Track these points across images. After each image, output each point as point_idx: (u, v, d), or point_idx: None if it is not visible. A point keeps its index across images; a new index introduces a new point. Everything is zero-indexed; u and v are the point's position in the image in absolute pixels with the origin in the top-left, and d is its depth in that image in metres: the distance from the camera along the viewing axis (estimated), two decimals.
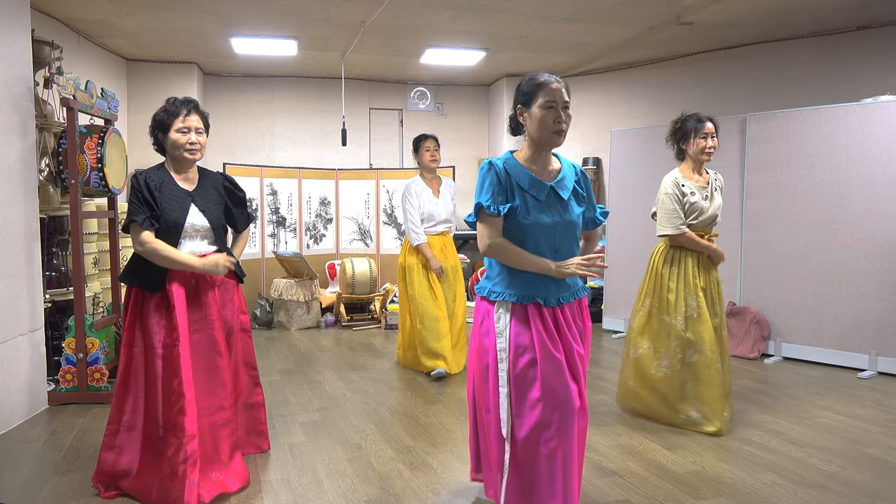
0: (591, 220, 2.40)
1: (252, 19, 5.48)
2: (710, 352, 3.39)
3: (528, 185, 2.17)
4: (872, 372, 4.56)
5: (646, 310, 3.60)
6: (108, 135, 4.05)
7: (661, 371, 3.52)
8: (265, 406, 3.15)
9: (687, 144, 3.52)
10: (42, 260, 3.95)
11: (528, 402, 2.11)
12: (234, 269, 2.88)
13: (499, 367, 2.15)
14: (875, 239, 4.58)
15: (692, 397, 3.43)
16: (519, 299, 2.16)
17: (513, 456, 2.13)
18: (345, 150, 7.87)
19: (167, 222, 2.67)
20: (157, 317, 2.67)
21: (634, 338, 3.65)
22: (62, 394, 3.94)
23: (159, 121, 2.76)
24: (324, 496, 2.71)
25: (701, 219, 3.48)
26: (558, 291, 2.19)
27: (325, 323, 6.53)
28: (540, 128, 2.15)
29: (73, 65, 5.36)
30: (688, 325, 3.45)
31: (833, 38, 5.77)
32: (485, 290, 2.25)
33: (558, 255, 2.19)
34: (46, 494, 2.73)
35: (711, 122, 3.48)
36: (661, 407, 3.54)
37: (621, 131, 6.08)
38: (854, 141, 4.67)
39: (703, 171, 3.57)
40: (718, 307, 3.54)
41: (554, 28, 5.77)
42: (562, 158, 2.31)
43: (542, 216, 2.16)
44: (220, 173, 3.00)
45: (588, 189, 2.33)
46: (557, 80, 2.16)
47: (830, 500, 2.66)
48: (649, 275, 3.63)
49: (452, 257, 4.76)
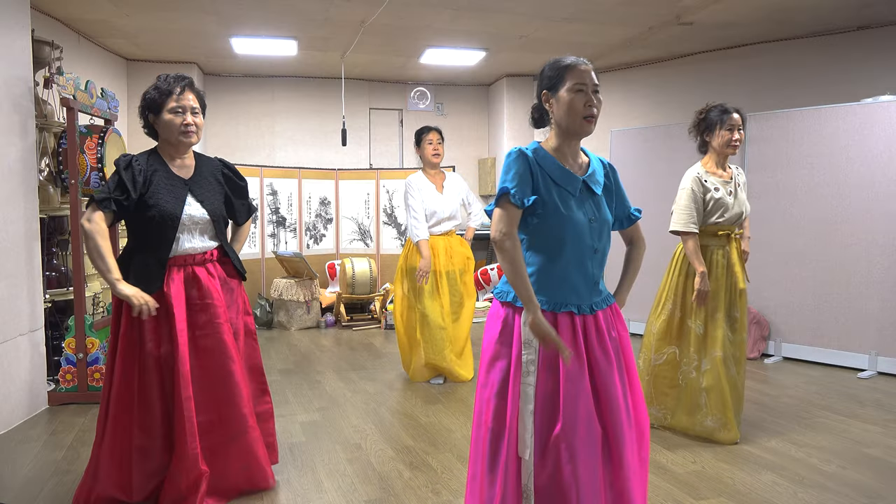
0: (627, 217, 2.15)
1: (252, 19, 5.48)
2: (720, 358, 3.25)
3: (560, 179, 1.94)
4: (872, 372, 4.56)
5: (668, 313, 3.37)
6: (108, 135, 4.05)
7: (684, 378, 3.35)
8: (274, 416, 2.87)
9: (711, 136, 3.31)
10: (42, 260, 3.95)
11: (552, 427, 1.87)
12: (237, 266, 2.66)
13: (524, 380, 1.87)
14: (875, 239, 4.58)
15: (707, 405, 3.28)
16: (551, 307, 1.90)
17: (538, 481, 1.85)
18: (345, 150, 7.87)
19: (162, 214, 2.41)
20: (152, 322, 2.42)
21: (656, 343, 3.40)
22: (62, 394, 3.94)
23: (150, 100, 2.46)
24: (324, 496, 2.71)
25: (727, 216, 3.28)
26: (590, 298, 1.95)
27: (325, 323, 6.53)
28: (569, 113, 1.92)
29: (73, 65, 5.36)
30: (706, 329, 3.30)
31: (833, 38, 5.77)
32: (508, 294, 1.97)
33: (597, 255, 1.96)
34: (46, 494, 2.72)
35: (738, 114, 3.29)
36: (681, 416, 3.38)
37: (621, 131, 6.08)
38: (854, 141, 4.67)
39: (726, 166, 3.37)
40: (738, 311, 3.34)
41: (554, 28, 5.77)
42: (588, 152, 2.09)
43: (577, 213, 1.92)
44: (219, 159, 2.71)
45: (618, 183, 2.12)
46: (585, 62, 1.96)
47: (830, 500, 2.66)
48: (670, 276, 3.40)
49: (460, 260, 4.39)
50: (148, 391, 2.43)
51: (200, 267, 2.53)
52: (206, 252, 2.56)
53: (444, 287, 4.31)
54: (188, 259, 2.51)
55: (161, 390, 2.46)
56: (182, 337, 2.40)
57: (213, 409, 2.51)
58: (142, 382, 2.43)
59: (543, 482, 1.85)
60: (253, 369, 2.74)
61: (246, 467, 2.59)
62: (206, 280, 2.52)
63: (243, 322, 2.71)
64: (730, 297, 3.33)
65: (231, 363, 2.51)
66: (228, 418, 2.52)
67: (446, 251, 4.35)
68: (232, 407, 2.52)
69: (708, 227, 3.32)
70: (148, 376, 2.43)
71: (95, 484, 2.47)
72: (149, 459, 2.46)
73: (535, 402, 1.86)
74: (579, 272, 1.93)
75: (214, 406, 2.51)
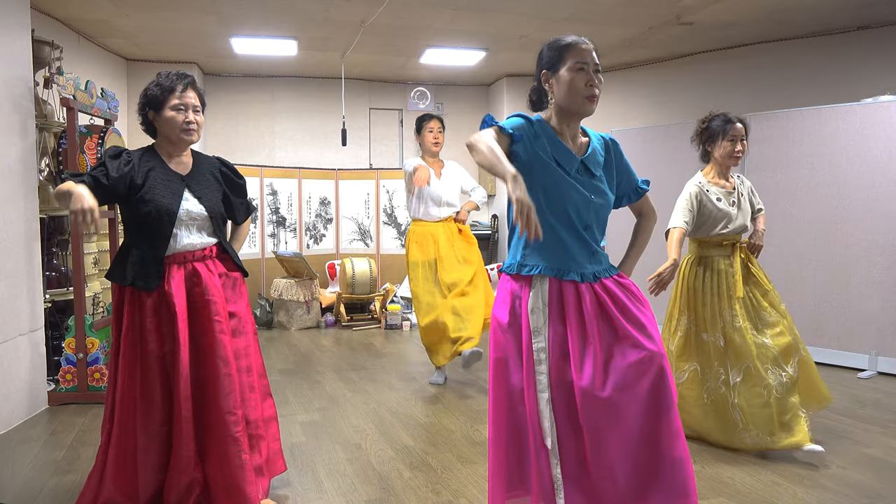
0: (634, 191, 2.11)
1: (252, 19, 5.48)
2: (754, 369, 3.05)
3: (558, 154, 1.91)
4: (872, 372, 4.56)
5: (683, 329, 3.24)
6: (108, 135, 4.05)
7: (710, 396, 3.17)
8: (278, 419, 2.75)
9: (713, 146, 3.23)
10: (42, 260, 3.95)
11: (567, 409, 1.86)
12: (237, 262, 2.60)
13: (537, 369, 1.85)
14: (875, 239, 4.58)
15: (742, 421, 3.08)
16: (555, 272, 1.88)
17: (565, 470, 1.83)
18: (345, 150, 7.87)
19: (158, 210, 2.36)
20: (153, 321, 2.37)
21: (676, 362, 3.24)
22: (62, 394, 3.94)
23: (151, 97, 2.42)
24: (324, 496, 2.71)
25: (731, 227, 3.19)
26: (593, 266, 1.93)
27: (325, 323, 6.53)
28: (570, 93, 1.88)
29: (73, 65, 5.36)
30: (726, 341, 3.12)
31: (833, 38, 5.77)
32: (514, 265, 1.95)
33: (588, 231, 1.93)
34: (46, 494, 2.72)
35: (742, 124, 3.19)
36: (715, 434, 3.19)
37: (621, 131, 6.08)
38: (854, 141, 4.67)
39: (728, 177, 3.29)
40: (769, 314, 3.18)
41: (554, 28, 5.77)
42: (589, 131, 2.04)
43: (572, 190, 1.90)
44: (217, 158, 2.66)
45: (621, 157, 2.06)
46: (586, 41, 1.91)
47: (830, 500, 2.66)
48: (680, 289, 3.28)
49: (462, 248, 4.29)
50: (151, 392, 2.39)
51: (200, 263, 2.48)
52: (206, 248, 2.51)
53: (445, 269, 4.20)
54: (187, 256, 2.46)
55: (164, 390, 2.41)
56: (183, 336, 2.36)
57: (213, 409, 2.43)
58: (144, 383, 2.39)
59: (571, 468, 1.83)
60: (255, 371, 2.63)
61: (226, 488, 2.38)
62: (206, 276, 2.46)
63: (249, 318, 2.63)
64: (753, 304, 3.19)
65: (222, 365, 2.39)
66: (212, 424, 2.41)
67: (447, 238, 4.28)
68: (214, 411, 2.39)
69: (712, 237, 3.24)
70: (151, 376, 2.39)
71: (101, 489, 2.42)
72: (152, 461, 2.41)
73: (549, 390, 1.84)
74: (576, 241, 1.91)
75: (213, 406, 2.42)
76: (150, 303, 2.38)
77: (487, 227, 8.09)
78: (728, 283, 3.17)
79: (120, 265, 2.42)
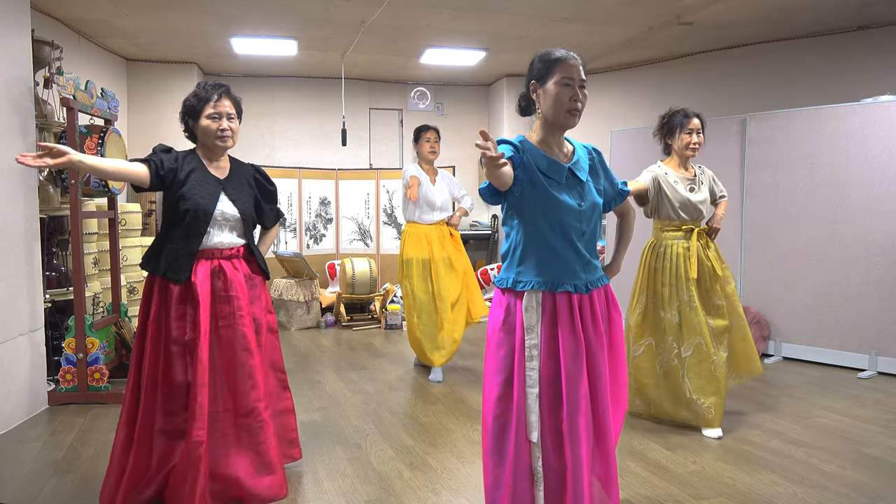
0: (618, 194, 2.24)
1: (252, 19, 5.48)
2: (705, 345, 3.34)
3: (546, 168, 2.01)
4: (872, 372, 4.56)
5: (642, 306, 3.55)
6: (108, 135, 4.05)
7: (662, 367, 3.49)
8: (295, 412, 2.96)
9: (672, 139, 3.50)
10: (42, 260, 3.95)
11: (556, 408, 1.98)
12: (261, 265, 2.75)
13: (528, 365, 1.96)
14: (875, 238, 4.58)
15: (690, 393, 3.39)
16: (549, 286, 1.99)
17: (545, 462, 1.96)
18: (345, 150, 7.87)
19: (196, 208, 2.53)
20: (179, 310, 2.53)
21: (633, 336, 3.58)
22: (62, 394, 3.94)
23: (189, 106, 2.63)
24: (324, 496, 2.71)
25: (689, 211, 3.45)
26: (587, 276, 2.04)
27: (325, 323, 6.53)
28: (554, 106, 2.00)
29: (73, 65, 5.36)
30: (682, 318, 3.41)
31: (833, 38, 5.77)
32: (508, 280, 2.05)
33: (584, 237, 2.04)
34: (46, 494, 2.73)
35: (698, 118, 3.45)
36: (664, 404, 3.51)
37: (621, 131, 6.08)
38: (854, 141, 4.67)
39: (688, 167, 3.55)
40: (720, 298, 3.46)
41: (554, 28, 5.77)
42: (573, 141, 2.16)
43: (565, 198, 2.00)
44: (252, 165, 2.88)
45: (604, 165, 2.19)
46: (574, 56, 2.02)
47: (830, 500, 2.66)
48: (641, 271, 3.58)
49: (452, 250, 4.58)
50: (174, 376, 2.52)
51: (227, 261, 2.64)
52: (234, 248, 2.67)
53: (438, 272, 4.49)
54: (216, 252, 2.62)
55: (185, 377, 2.54)
56: (205, 325, 2.50)
57: (229, 399, 2.58)
58: (167, 366, 2.52)
59: (553, 463, 1.96)
60: (273, 365, 2.84)
61: (258, 464, 2.60)
62: (231, 273, 2.62)
63: (266, 319, 2.79)
64: (704, 286, 3.46)
65: (248, 356, 2.58)
66: (241, 410, 2.58)
67: (439, 239, 4.56)
68: (245, 398, 2.57)
69: (672, 221, 3.49)
70: (174, 361, 2.52)
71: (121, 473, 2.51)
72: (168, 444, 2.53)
73: (539, 386, 1.96)
74: (572, 252, 2.02)
75: (230, 396, 2.58)
76: (177, 292, 2.54)
77: (487, 228, 8.09)
78: (677, 265, 3.44)
79: (154, 256, 2.59)
